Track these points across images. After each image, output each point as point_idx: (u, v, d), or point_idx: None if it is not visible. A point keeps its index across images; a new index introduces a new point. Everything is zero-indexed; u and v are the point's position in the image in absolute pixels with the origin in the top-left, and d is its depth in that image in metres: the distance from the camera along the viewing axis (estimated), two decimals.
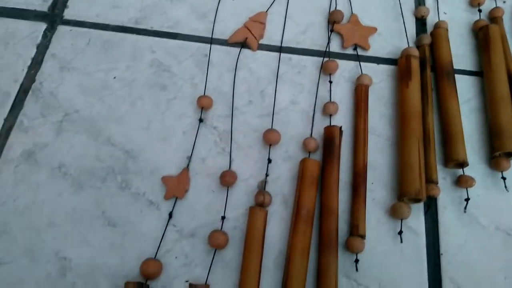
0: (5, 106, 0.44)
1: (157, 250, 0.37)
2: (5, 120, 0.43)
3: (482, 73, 0.47)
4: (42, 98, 0.44)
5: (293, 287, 0.35)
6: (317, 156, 0.42)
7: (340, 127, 0.42)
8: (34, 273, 0.36)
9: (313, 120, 0.44)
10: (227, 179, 0.40)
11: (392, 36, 0.49)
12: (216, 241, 0.37)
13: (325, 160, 0.41)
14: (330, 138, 0.42)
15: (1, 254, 0.37)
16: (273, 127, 0.43)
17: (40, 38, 0.48)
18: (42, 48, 0.47)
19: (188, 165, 0.41)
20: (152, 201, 0.40)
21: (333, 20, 0.49)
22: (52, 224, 0.38)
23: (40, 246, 0.37)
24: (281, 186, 0.41)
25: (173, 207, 0.39)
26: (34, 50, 0.47)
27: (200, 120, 0.43)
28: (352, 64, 0.47)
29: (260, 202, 0.38)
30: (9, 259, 0.37)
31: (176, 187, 0.40)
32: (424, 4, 0.52)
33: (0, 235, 0.38)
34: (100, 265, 0.37)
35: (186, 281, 0.37)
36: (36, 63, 0.46)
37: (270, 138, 0.42)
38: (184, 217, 0.39)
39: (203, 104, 0.43)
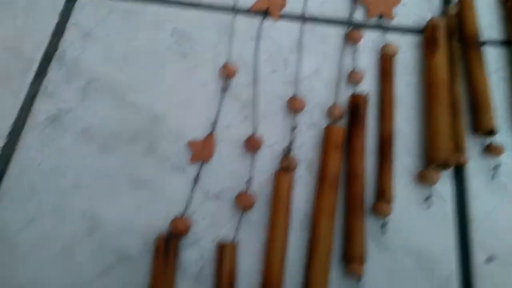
0: (30, 73, 0.45)
1: (185, 210, 0.38)
2: (30, 86, 0.44)
3: (510, 42, 0.47)
4: (65, 65, 0.45)
5: (319, 248, 0.36)
6: (341, 124, 0.42)
7: (366, 95, 0.42)
8: (62, 232, 0.37)
9: (337, 88, 0.44)
10: (252, 144, 0.40)
11: (417, 6, 0.50)
12: (243, 202, 0.38)
13: (351, 127, 0.41)
14: (356, 105, 0.42)
15: (29, 214, 0.38)
16: (297, 95, 0.43)
17: (62, 7, 0.48)
18: (64, 17, 0.48)
19: (212, 131, 0.42)
20: (177, 165, 0.41)
21: None
22: (78, 185, 0.39)
23: (67, 207, 0.38)
24: (306, 152, 0.42)
25: (199, 171, 0.40)
26: (57, 19, 0.48)
27: (224, 89, 0.44)
28: (376, 33, 0.48)
29: (285, 167, 0.39)
30: (37, 218, 0.38)
31: (201, 151, 0.41)
32: None
33: (27, 196, 0.39)
34: (128, 225, 0.38)
35: (213, 241, 0.38)
36: (59, 31, 0.47)
37: (294, 105, 0.42)
38: (210, 180, 0.40)
39: (227, 72, 0.44)
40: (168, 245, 0.35)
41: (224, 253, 0.36)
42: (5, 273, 0.36)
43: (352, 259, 0.36)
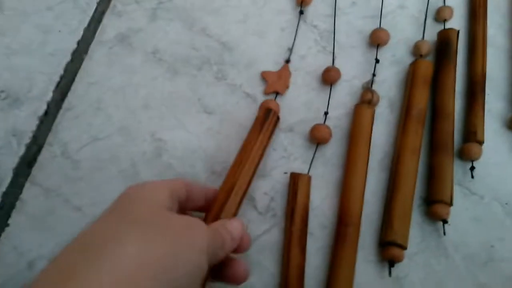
0: None
1: None
2: (98, 3, 0.43)
3: None
4: None
5: (402, 186, 0.34)
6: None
7: (458, 31, 0.39)
8: (129, 151, 0.37)
9: (425, 23, 0.42)
10: (331, 74, 0.38)
11: None
12: (319, 134, 0.36)
13: (440, 64, 0.39)
14: (447, 41, 0.39)
15: (96, 130, 0.38)
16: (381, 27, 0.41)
17: None
18: None
19: (288, 61, 0.40)
20: (248, 93, 0.39)
21: None
22: (147, 106, 0.38)
23: (136, 126, 0.38)
24: (387, 89, 0.40)
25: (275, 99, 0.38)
26: None
27: (301, 12, 0.42)
28: None
29: (367, 100, 0.37)
30: (104, 135, 0.37)
31: (276, 82, 0.39)
32: None
33: (95, 111, 0.38)
34: (196, 149, 0.37)
35: (285, 173, 0.36)
36: None
37: (378, 37, 0.40)
38: (282, 112, 0.38)
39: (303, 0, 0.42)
40: (268, 114, 0.34)
41: (299, 184, 0.34)
42: (64, 190, 0.35)
43: (438, 200, 0.34)
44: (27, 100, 0.39)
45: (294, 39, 0.41)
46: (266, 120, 0.33)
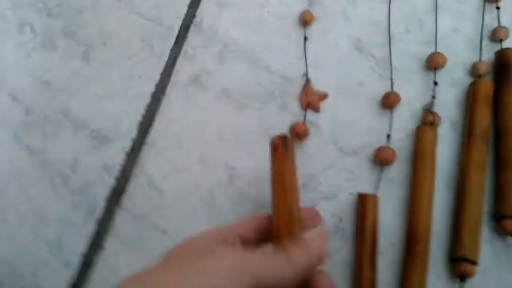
0: (170, 39, 0.51)
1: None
2: (171, 50, 0.50)
3: None
4: (203, 32, 0.51)
5: (470, 201, 0.36)
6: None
7: None
8: (207, 180, 0.42)
9: (481, 44, 0.44)
10: (391, 98, 0.42)
11: None
12: (383, 155, 0.40)
13: (499, 83, 0.41)
14: (505, 60, 0.42)
15: (177, 162, 0.43)
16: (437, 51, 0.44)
17: None
18: None
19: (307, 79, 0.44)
20: (311, 121, 0.44)
21: None
22: (220, 139, 0.44)
23: (211, 157, 0.43)
24: (448, 110, 0.42)
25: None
26: None
27: (305, 39, 0.46)
28: None
29: (429, 121, 0.40)
30: (185, 166, 0.43)
31: (305, 98, 0.43)
32: None
33: (175, 145, 0.44)
34: (265, 174, 0.42)
35: (351, 194, 0.40)
36: (195, 1, 0.53)
37: (435, 61, 0.43)
38: (346, 137, 0.42)
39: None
40: (286, 141, 0.32)
41: (366, 204, 0.37)
42: (151, 216, 0.41)
43: (507, 215, 0.36)
44: (115, 138, 0.46)
45: (305, 60, 0.45)
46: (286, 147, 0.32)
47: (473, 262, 0.34)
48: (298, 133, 0.41)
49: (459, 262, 0.34)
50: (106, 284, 0.39)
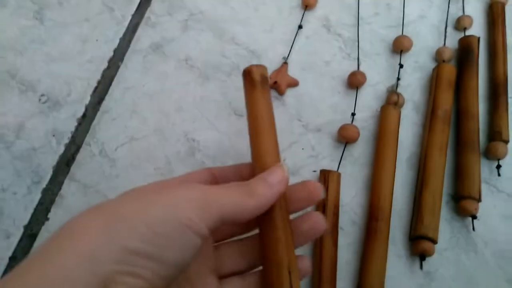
0: (133, 3, 0.48)
1: None
2: (133, 16, 0.47)
3: None
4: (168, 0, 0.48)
5: (431, 181, 0.36)
6: None
7: (478, 38, 0.42)
8: (164, 150, 0.40)
9: (445, 31, 0.45)
10: (357, 77, 0.41)
11: None
12: (347, 133, 0.39)
13: (462, 69, 0.42)
14: (468, 46, 0.42)
15: (132, 131, 0.41)
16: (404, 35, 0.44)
17: None
18: None
19: (285, 62, 0.43)
20: (276, 96, 0.42)
21: None
22: (180, 109, 0.42)
23: (170, 128, 0.41)
24: (412, 93, 0.42)
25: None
26: None
27: (299, 27, 0.45)
28: None
29: (393, 101, 0.40)
30: (141, 135, 0.40)
31: (276, 77, 0.42)
32: None
33: (131, 114, 0.41)
34: (228, 149, 0.40)
35: (314, 171, 0.39)
36: None
37: (401, 43, 0.43)
38: (310, 113, 0.41)
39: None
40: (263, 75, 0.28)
41: (329, 181, 0.36)
42: (102, 186, 0.38)
43: (466, 195, 0.36)
44: (66, 103, 0.42)
45: (292, 46, 0.44)
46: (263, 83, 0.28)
47: (433, 241, 0.34)
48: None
49: (419, 240, 0.34)
50: None
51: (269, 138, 0.27)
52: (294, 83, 0.42)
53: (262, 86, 0.27)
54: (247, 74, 0.28)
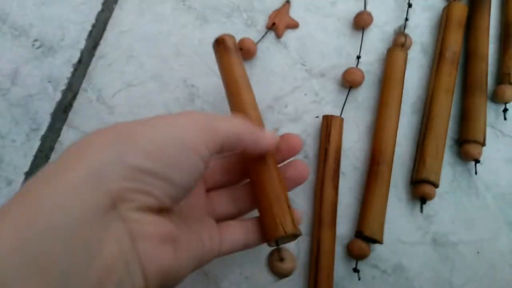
0: None
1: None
2: None
3: None
4: None
5: (435, 125, 0.36)
6: None
7: None
8: (163, 96, 0.39)
9: None
10: (363, 17, 0.40)
11: None
12: (352, 76, 0.38)
13: (474, 8, 0.40)
14: None
15: (130, 76, 0.40)
16: None
17: None
18: None
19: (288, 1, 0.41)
20: (279, 40, 0.41)
21: None
22: (178, 53, 0.41)
23: (168, 73, 0.40)
24: (420, 34, 0.41)
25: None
26: None
27: None
28: None
29: (401, 43, 0.38)
30: (138, 81, 0.40)
31: (276, 17, 0.41)
32: None
33: (128, 59, 0.40)
34: None
35: (317, 117, 0.38)
36: None
37: None
38: (313, 57, 0.40)
39: None
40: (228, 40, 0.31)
41: (332, 126, 0.36)
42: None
43: (470, 139, 0.35)
44: (60, 48, 0.41)
45: None
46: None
47: (435, 184, 0.34)
48: (246, 50, 0.38)
49: (421, 184, 0.34)
50: None
51: (250, 96, 0.29)
52: (293, 25, 0.41)
53: (236, 52, 0.31)
54: (221, 42, 0.31)
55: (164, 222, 0.20)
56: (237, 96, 0.29)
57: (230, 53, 0.30)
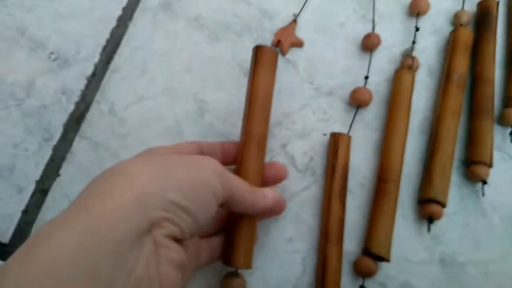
0: None
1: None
2: None
3: None
4: None
5: (443, 145, 0.36)
6: None
7: (498, 1, 0.42)
8: (173, 110, 0.40)
9: None
10: (371, 39, 0.41)
11: None
12: (360, 96, 0.39)
13: (480, 33, 0.41)
14: (486, 10, 0.42)
15: (142, 90, 0.41)
16: None
17: None
18: None
19: (295, 19, 0.43)
20: (288, 59, 0.42)
21: None
22: (190, 69, 0.42)
23: (179, 88, 0.41)
24: (427, 57, 0.42)
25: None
26: None
27: None
28: None
29: (408, 65, 0.40)
30: (150, 95, 0.41)
31: (281, 35, 0.42)
32: None
33: (140, 73, 0.42)
34: (237, 110, 0.40)
35: (324, 134, 0.39)
36: None
37: (418, 6, 0.43)
38: (321, 76, 0.41)
39: None
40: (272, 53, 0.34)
41: (339, 143, 0.37)
42: (112, 144, 0.39)
43: (477, 160, 0.36)
44: (75, 61, 0.43)
45: (304, 4, 0.44)
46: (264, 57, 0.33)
47: (442, 204, 0.35)
48: None
49: (428, 203, 0.35)
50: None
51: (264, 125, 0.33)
52: (298, 43, 0.42)
53: (271, 67, 0.33)
54: (262, 54, 0.33)
55: (182, 251, 0.23)
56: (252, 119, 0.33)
57: (261, 67, 0.33)
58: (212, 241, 0.32)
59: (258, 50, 0.33)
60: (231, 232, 0.31)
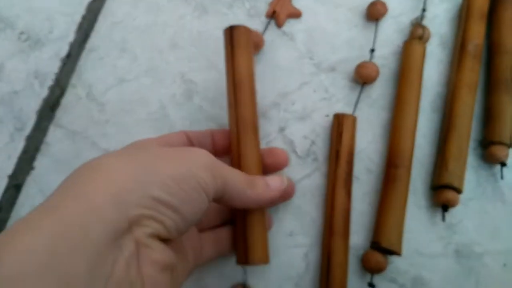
0: None
1: None
2: None
3: None
4: None
5: (458, 124, 0.33)
6: None
7: None
8: (158, 93, 0.36)
9: None
10: (377, 7, 0.37)
11: None
12: (366, 71, 0.35)
13: None
14: None
15: (122, 71, 0.37)
16: None
17: None
18: None
19: None
20: (284, 31, 0.38)
21: None
22: (175, 46, 0.38)
23: (163, 68, 0.37)
24: (438, 26, 0.38)
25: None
26: None
27: None
28: None
29: (418, 35, 0.36)
30: (132, 76, 0.37)
31: (276, 4, 0.38)
32: None
33: (120, 52, 0.38)
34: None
35: (327, 115, 0.35)
36: None
37: None
38: (322, 51, 0.37)
39: None
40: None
41: (344, 125, 0.33)
42: (90, 132, 0.35)
43: (496, 141, 0.33)
44: (48, 41, 0.38)
45: None
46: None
47: (458, 190, 0.31)
48: (254, 44, 0.36)
49: (443, 190, 0.31)
50: None
51: (252, 110, 0.30)
52: (296, 14, 0.38)
53: (247, 48, 0.30)
54: (232, 34, 0.30)
55: (168, 251, 0.21)
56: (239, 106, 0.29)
57: (240, 49, 0.29)
58: (218, 232, 0.30)
59: (234, 31, 0.30)
60: (239, 225, 0.28)
